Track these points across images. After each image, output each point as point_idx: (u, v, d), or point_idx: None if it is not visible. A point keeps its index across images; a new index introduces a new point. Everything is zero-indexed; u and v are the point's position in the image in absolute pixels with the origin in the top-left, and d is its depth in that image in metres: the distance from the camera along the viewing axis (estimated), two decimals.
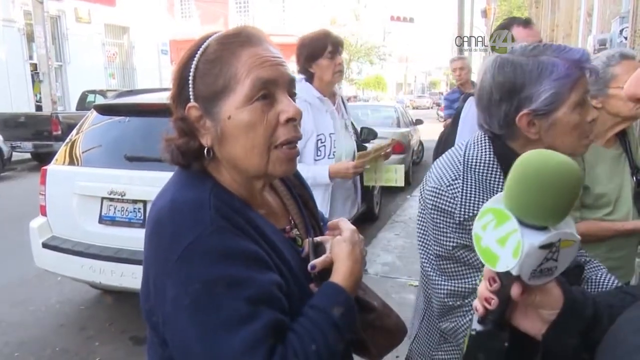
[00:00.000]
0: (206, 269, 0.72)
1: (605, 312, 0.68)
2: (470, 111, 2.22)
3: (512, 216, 0.59)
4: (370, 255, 4.52)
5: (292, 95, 0.85)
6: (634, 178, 1.71)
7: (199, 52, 0.81)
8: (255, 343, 0.70)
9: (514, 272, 0.60)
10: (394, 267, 4.18)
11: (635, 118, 1.66)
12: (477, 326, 0.68)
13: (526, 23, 2.10)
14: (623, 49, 2.26)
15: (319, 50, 2.30)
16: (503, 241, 0.59)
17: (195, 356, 0.72)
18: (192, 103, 0.81)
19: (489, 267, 0.63)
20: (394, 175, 2.59)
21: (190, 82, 0.81)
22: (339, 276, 0.83)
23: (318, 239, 0.91)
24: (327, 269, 0.85)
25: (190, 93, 0.81)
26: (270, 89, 0.80)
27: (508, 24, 2.12)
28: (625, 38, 4.49)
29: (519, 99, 1.02)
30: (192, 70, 0.81)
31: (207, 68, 0.80)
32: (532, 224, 0.59)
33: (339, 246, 0.86)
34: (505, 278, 0.63)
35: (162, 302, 0.75)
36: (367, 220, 5.58)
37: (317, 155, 2.30)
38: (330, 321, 0.77)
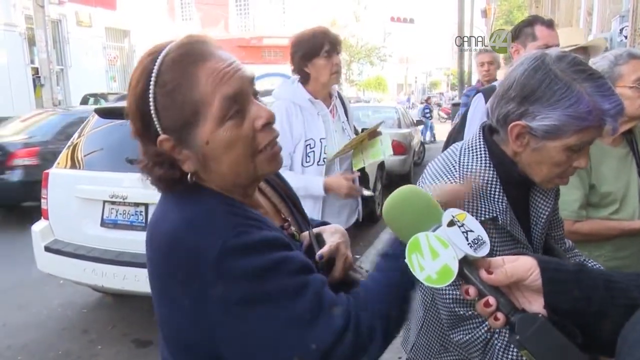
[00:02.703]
0: (244, 264, 0.73)
1: (600, 277, 0.70)
2: (478, 107, 2.17)
3: (416, 235, 0.69)
4: (372, 256, 4.51)
5: (255, 94, 0.83)
6: None
7: (151, 83, 0.76)
8: (320, 300, 0.74)
9: (461, 255, 0.68)
10: None
11: None
12: (515, 336, 0.67)
13: (549, 24, 2.09)
14: (631, 48, 2.25)
15: (315, 49, 2.16)
16: (435, 253, 0.68)
17: (270, 342, 0.73)
18: (162, 136, 0.77)
19: (454, 277, 0.68)
20: (380, 146, 2.30)
21: (153, 116, 0.77)
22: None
23: (315, 230, 0.94)
24: (332, 257, 0.89)
25: (157, 127, 0.77)
26: (239, 101, 0.78)
27: (532, 21, 2.12)
28: (625, 37, 4.50)
29: (527, 109, 0.98)
30: (151, 103, 0.76)
31: (168, 100, 0.76)
32: (431, 228, 0.71)
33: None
34: (470, 272, 0.69)
35: (206, 316, 0.73)
36: (368, 221, 5.58)
37: (306, 162, 2.17)
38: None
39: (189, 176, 0.80)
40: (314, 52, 2.17)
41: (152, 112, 0.76)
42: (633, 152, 1.72)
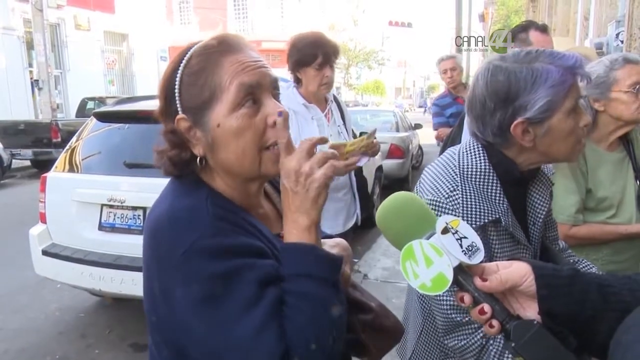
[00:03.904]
0: (210, 264, 0.74)
1: (593, 282, 0.70)
2: None
3: (410, 243, 0.69)
4: (370, 260, 4.51)
5: (276, 95, 0.86)
6: (638, 182, 1.71)
7: (181, 65, 0.82)
8: (267, 321, 0.73)
9: (455, 262, 0.68)
10: (394, 272, 4.17)
11: (637, 122, 1.66)
12: (511, 343, 0.67)
13: (543, 29, 2.12)
14: (627, 53, 2.26)
15: (308, 59, 2.18)
16: (429, 261, 0.68)
17: (215, 347, 0.74)
18: (180, 115, 0.82)
19: (449, 285, 0.68)
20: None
21: (176, 94, 0.82)
22: (294, 232, 0.78)
23: None
24: None
25: (178, 105, 0.82)
26: (255, 93, 0.81)
27: (527, 26, 2.14)
28: (622, 42, 4.52)
29: (514, 107, 1.01)
30: (177, 83, 0.82)
31: (192, 80, 0.81)
32: (425, 235, 0.70)
33: (281, 188, 0.80)
34: (464, 280, 0.69)
35: (172, 305, 0.76)
36: (366, 225, 5.58)
37: None
38: (315, 284, 0.76)
39: (198, 160, 0.83)
40: (306, 62, 2.19)
41: (176, 90, 0.82)
42: (630, 156, 1.73)
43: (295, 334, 0.73)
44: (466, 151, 1.11)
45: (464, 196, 1.04)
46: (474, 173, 1.07)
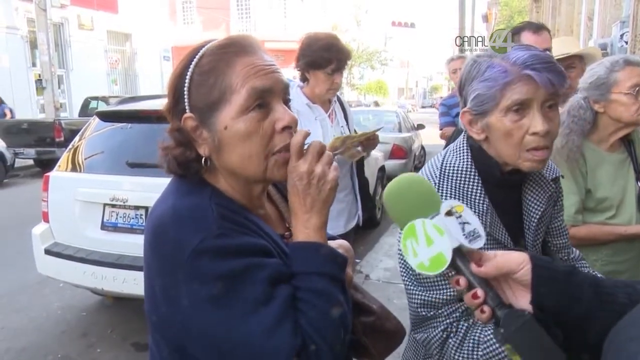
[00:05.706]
0: (218, 265, 0.73)
1: (590, 282, 0.70)
2: None
3: (413, 221, 0.70)
4: (372, 260, 4.51)
5: (287, 101, 0.86)
6: (639, 183, 1.71)
7: (192, 63, 0.81)
8: (281, 317, 0.73)
9: (456, 243, 0.69)
10: (396, 273, 4.16)
11: (637, 124, 1.65)
12: (500, 330, 0.67)
13: (536, 29, 2.07)
14: (629, 55, 2.24)
15: (322, 63, 2.17)
16: (429, 240, 0.69)
17: (229, 347, 0.73)
18: (188, 114, 0.81)
19: (446, 266, 0.68)
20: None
21: (185, 93, 0.81)
22: (306, 232, 0.81)
23: None
24: None
25: (186, 104, 0.81)
26: (266, 98, 0.80)
27: (520, 28, 2.11)
28: (626, 42, 4.50)
29: (463, 96, 1.06)
30: (187, 81, 0.81)
31: (202, 79, 0.80)
32: (429, 216, 0.71)
33: (290, 190, 0.82)
34: (462, 263, 0.70)
35: (178, 307, 0.75)
36: (369, 226, 5.58)
37: None
38: (325, 281, 0.78)
39: (203, 160, 0.82)
40: (319, 65, 2.18)
41: (185, 89, 0.81)
42: (631, 157, 1.73)
43: (309, 327, 0.74)
44: (453, 150, 1.12)
45: (439, 193, 1.04)
46: (453, 171, 1.07)
